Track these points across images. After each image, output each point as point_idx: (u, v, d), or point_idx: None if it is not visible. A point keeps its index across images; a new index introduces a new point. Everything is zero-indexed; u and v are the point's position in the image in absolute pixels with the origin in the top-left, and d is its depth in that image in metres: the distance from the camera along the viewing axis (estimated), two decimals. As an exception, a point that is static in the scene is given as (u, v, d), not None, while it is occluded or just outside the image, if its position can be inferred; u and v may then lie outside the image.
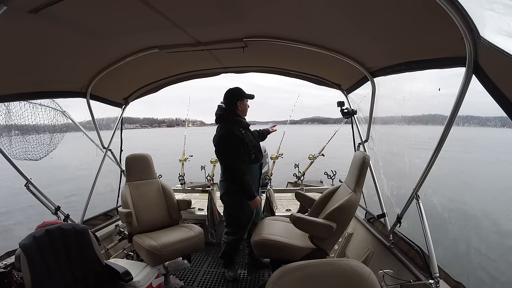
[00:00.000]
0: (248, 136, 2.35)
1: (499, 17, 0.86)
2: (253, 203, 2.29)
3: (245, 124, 2.39)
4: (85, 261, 1.72)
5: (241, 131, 2.30)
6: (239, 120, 2.35)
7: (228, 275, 2.48)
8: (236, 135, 2.24)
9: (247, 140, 2.29)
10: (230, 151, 2.25)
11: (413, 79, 1.65)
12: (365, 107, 2.32)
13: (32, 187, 2.09)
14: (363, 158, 1.88)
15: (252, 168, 2.37)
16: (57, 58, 1.72)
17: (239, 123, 2.34)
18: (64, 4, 1.14)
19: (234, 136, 2.23)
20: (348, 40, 1.72)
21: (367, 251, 2.19)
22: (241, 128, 2.32)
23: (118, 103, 2.95)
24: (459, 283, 1.41)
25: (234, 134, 2.24)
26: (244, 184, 2.22)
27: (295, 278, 0.99)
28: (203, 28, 1.63)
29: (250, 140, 2.34)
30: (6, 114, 2.00)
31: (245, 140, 2.26)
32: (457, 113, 1.23)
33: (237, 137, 2.24)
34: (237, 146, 2.23)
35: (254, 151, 2.34)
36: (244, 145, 2.25)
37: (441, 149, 1.36)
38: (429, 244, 1.50)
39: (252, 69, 2.73)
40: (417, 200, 1.60)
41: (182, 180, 4.37)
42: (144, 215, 2.45)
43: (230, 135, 2.25)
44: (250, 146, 2.30)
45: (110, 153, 2.90)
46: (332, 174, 3.70)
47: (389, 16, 1.25)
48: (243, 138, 2.25)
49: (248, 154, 2.29)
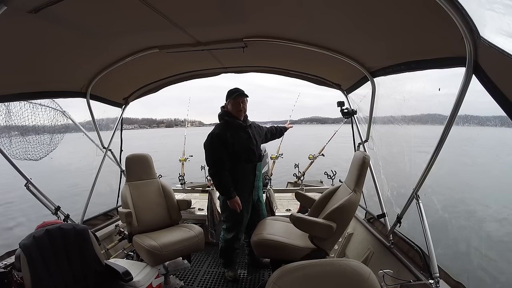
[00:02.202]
0: (240, 137, 2.30)
1: (499, 17, 0.86)
2: (231, 203, 2.26)
3: (238, 124, 2.33)
4: (85, 261, 1.72)
5: (228, 132, 2.25)
6: (230, 120, 2.32)
7: (228, 275, 2.48)
8: (216, 137, 2.23)
9: (233, 141, 2.24)
10: (207, 152, 2.28)
11: (413, 79, 1.65)
12: (365, 107, 2.32)
13: (32, 187, 2.09)
14: (363, 158, 1.87)
15: (245, 168, 2.32)
16: (57, 58, 1.72)
17: (231, 124, 2.31)
18: (64, 4, 1.14)
19: (212, 138, 2.25)
20: (348, 40, 1.72)
21: (367, 251, 2.19)
22: (232, 129, 2.29)
23: (118, 103, 2.95)
24: (459, 283, 1.41)
25: (212, 136, 2.25)
26: (219, 184, 2.24)
27: (295, 278, 0.99)
28: (203, 28, 1.63)
29: (241, 141, 2.29)
30: (6, 114, 2.00)
31: (228, 141, 2.22)
32: (457, 113, 1.23)
33: (215, 139, 2.23)
34: (215, 147, 2.23)
35: (245, 152, 2.29)
36: (229, 146, 2.23)
37: (441, 149, 1.36)
38: (429, 244, 1.50)
39: (252, 69, 2.72)
40: (417, 200, 1.61)
41: (182, 180, 4.37)
42: (144, 215, 2.45)
43: (208, 137, 2.28)
44: (236, 146, 2.25)
45: (110, 153, 2.91)
46: (332, 174, 3.70)
47: (389, 16, 1.25)
48: (225, 140, 2.22)
49: (235, 155, 2.25)
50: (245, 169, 2.33)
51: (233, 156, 2.25)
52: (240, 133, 2.32)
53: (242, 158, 2.28)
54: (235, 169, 2.28)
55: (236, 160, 2.27)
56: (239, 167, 2.29)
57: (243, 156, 2.29)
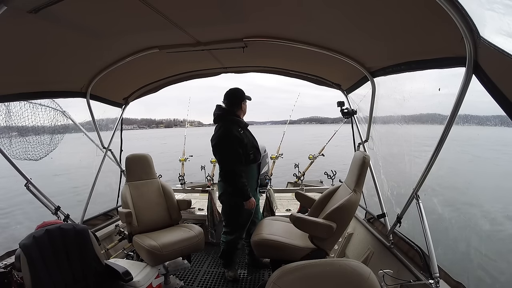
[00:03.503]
0: (247, 136, 2.34)
1: (499, 17, 0.86)
2: (248, 204, 2.27)
3: (244, 124, 2.38)
4: (85, 261, 1.72)
5: (240, 131, 2.28)
6: (238, 120, 2.35)
7: (228, 275, 2.48)
8: (235, 136, 2.22)
9: (246, 140, 2.28)
10: (227, 152, 2.23)
11: (413, 79, 1.65)
12: (365, 107, 2.32)
13: (32, 187, 2.09)
14: (363, 158, 1.88)
15: (251, 168, 2.36)
16: (57, 58, 1.72)
17: (238, 123, 2.33)
18: (64, 4, 1.14)
19: (233, 137, 2.21)
20: (348, 40, 1.72)
21: (367, 251, 2.19)
22: (240, 128, 2.31)
23: (118, 103, 2.95)
24: (459, 283, 1.41)
25: (232, 135, 2.21)
26: (239, 185, 2.22)
27: (295, 278, 0.99)
28: (203, 28, 1.63)
29: (249, 140, 2.33)
30: (6, 114, 2.00)
31: (243, 141, 2.25)
32: (457, 113, 1.23)
33: (235, 138, 2.22)
34: (235, 147, 2.21)
35: (252, 151, 2.32)
36: (243, 146, 2.24)
37: (441, 149, 1.36)
38: (429, 244, 1.50)
39: (252, 69, 2.73)
40: (417, 200, 1.60)
41: (182, 180, 4.37)
42: (144, 215, 2.45)
43: (228, 136, 2.22)
44: (249, 146, 2.29)
45: (110, 153, 2.91)
46: (332, 174, 3.70)
47: (389, 16, 1.25)
48: (241, 139, 2.24)
49: (247, 155, 2.27)
50: (252, 169, 2.38)
51: (245, 155, 2.27)
52: (247, 133, 2.37)
53: (251, 157, 2.31)
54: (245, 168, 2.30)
55: (247, 159, 2.29)
56: (247, 167, 2.31)
57: (252, 155, 2.31)
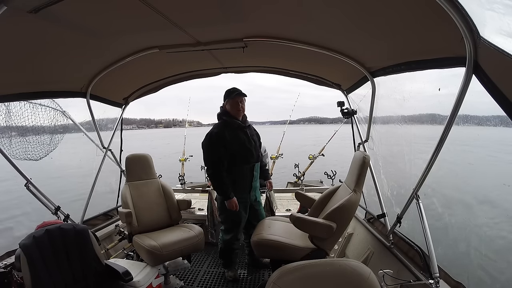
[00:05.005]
0: (238, 137, 2.28)
1: (499, 17, 0.86)
2: (229, 204, 2.23)
3: (237, 124, 2.32)
4: (85, 261, 1.72)
5: (227, 132, 2.24)
6: (229, 120, 2.30)
7: (228, 275, 2.48)
8: (215, 137, 2.22)
9: (232, 141, 2.23)
10: (205, 152, 2.27)
11: (413, 79, 1.65)
12: (365, 107, 2.32)
13: (32, 187, 2.09)
14: (363, 158, 1.87)
15: (243, 169, 2.31)
16: (57, 58, 1.72)
17: (230, 124, 2.30)
18: (64, 4, 1.14)
19: (211, 138, 2.24)
20: (348, 40, 1.72)
21: (367, 251, 2.19)
22: (232, 130, 2.27)
23: (118, 103, 2.95)
24: (459, 283, 1.41)
25: (211, 136, 2.24)
26: (217, 185, 2.23)
27: (295, 278, 0.99)
28: (203, 28, 1.63)
29: (239, 142, 2.27)
30: (6, 114, 2.00)
31: (226, 141, 2.21)
32: (457, 113, 1.23)
33: (214, 139, 2.22)
34: (214, 147, 2.21)
35: (243, 153, 2.27)
36: (227, 146, 2.21)
37: (441, 149, 1.36)
38: (429, 244, 1.50)
39: (252, 69, 2.73)
40: (417, 200, 1.61)
41: (182, 180, 4.37)
42: (144, 215, 2.45)
43: (207, 137, 2.27)
44: (235, 147, 2.24)
45: (110, 153, 2.91)
46: (332, 174, 3.70)
47: (389, 15, 1.25)
48: (223, 140, 2.21)
49: (233, 155, 2.24)
50: (243, 170, 2.32)
51: (231, 157, 2.24)
52: (238, 134, 2.31)
53: (240, 159, 2.27)
54: (233, 169, 2.27)
55: (234, 161, 2.26)
56: (237, 168, 2.28)
57: (241, 157, 2.27)
